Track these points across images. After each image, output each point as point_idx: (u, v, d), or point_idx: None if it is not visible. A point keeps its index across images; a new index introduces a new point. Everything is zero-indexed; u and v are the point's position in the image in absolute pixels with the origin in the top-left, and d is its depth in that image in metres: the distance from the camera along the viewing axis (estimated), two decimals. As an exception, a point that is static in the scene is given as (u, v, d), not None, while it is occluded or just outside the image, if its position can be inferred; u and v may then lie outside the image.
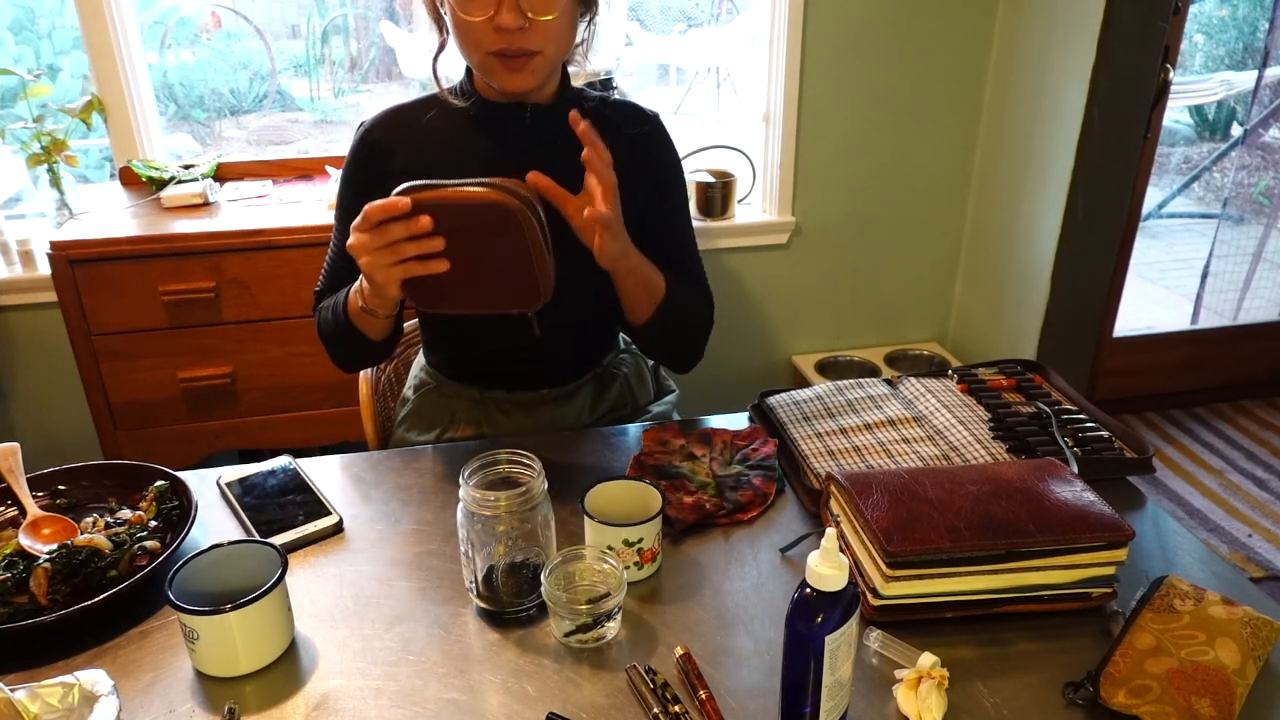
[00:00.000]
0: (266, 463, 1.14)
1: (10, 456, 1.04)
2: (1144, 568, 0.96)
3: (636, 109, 1.28)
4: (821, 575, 0.70)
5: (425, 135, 1.19)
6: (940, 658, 0.80)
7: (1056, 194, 2.31)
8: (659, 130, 1.28)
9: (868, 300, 2.72)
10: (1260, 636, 0.81)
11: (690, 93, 4.17)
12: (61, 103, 2.12)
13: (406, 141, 1.19)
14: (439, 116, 1.19)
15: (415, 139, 1.19)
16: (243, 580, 0.84)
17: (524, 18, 1.04)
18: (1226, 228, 3.48)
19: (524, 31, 1.05)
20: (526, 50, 1.07)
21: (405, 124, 1.19)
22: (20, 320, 2.18)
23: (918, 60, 2.45)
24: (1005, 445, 1.13)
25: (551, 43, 1.09)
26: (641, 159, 1.24)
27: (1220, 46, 4.37)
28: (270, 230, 1.93)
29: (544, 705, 0.79)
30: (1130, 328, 2.89)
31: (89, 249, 1.86)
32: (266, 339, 2.00)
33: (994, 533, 0.85)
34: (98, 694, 0.75)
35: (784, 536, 1.01)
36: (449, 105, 1.19)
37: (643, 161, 1.24)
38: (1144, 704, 0.74)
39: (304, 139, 3.66)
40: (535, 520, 0.88)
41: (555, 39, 1.09)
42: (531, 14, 1.04)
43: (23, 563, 0.90)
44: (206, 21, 3.60)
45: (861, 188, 2.57)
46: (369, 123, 1.21)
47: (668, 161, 1.28)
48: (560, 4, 1.06)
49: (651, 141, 1.26)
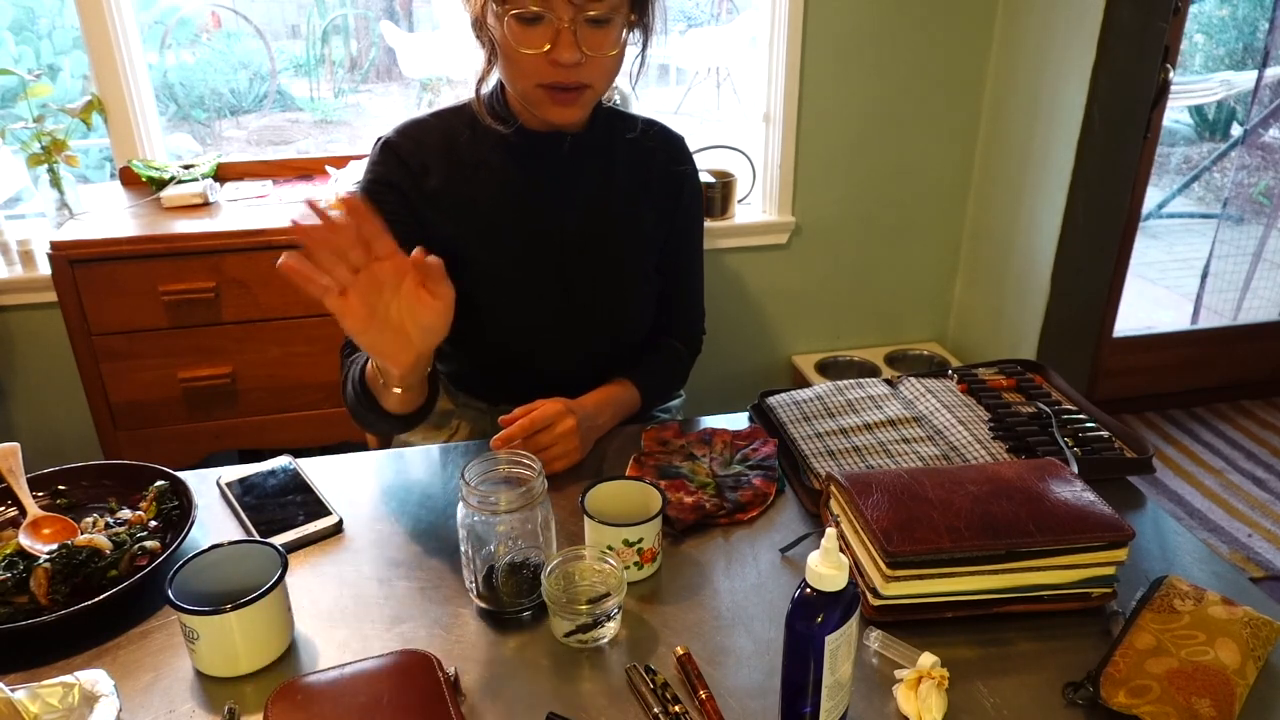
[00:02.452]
0: (266, 463, 1.14)
1: (10, 456, 1.04)
2: (1144, 568, 0.96)
3: (679, 146, 1.27)
4: (821, 575, 0.70)
5: (459, 158, 1.14)
6: (940, 658, 0.80)
7: (1056, 194, 2.31)
8: (693, 171, 1.28)
9: (868, 300, 2.72)
10: (1260, 636, 0.81)
11: (690, 93, 4.17)
12: (61, 103, 2.12)
13: (440, 162, 1.14)
14: (472, 140, 1.15)
15: (450, 161, 1.14)
16: (243, 580, 0.84)
17: (581, 53, 1.01)
18: (1226, 228, 3.48)
19: (578, 66, 1.02)
20: (579, 84, 1.04)
21: (434, 141, 1.14)
22: (20, 320, 2.18)
23: (918, 60, 2.45)
24: (1005, 445, 1.13)
25: (603, 77, 1.06)
26: (674, 195, 1.25)
27: (1220, 46, 4.37)
28: (270, 230, 1.93)
29: (544, 705, 0.79)
30: (1130, 328, 2.89)
31: (89, 249, 1.86)
32: (266, 339, 2.00)
33: (994, 533, 0.85)
34: (98, 694, 0.75)
35: (784, 536, 1.01)
36: (483, 127, 1.14)
37: (675, 199, 1.25)
38: (1144, 704, 0.74)
39: (304, 139, 3.66)
40: (535, 520, 0.88)
41: (607, 73, 1.06)
42: (589, 50, 1.01)
43: (23, 563, 0.90)
44: (206, 21, 3.60)
45: (861, 188, 2.57)
46: (392, 137, 1.14)
47: (697, 205, 1.29)
48: (618, 39, 1.04)
49: (686, 182, 1.27)
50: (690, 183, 1.28)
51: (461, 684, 0.81)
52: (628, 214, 1.21)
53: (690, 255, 1.32)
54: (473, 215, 1.14)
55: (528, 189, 1.15)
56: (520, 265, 1.16)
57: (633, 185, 1.21)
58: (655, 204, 1.19)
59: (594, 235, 1.18)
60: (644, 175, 1.19)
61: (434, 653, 0.80)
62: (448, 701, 0.75)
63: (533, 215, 1.16)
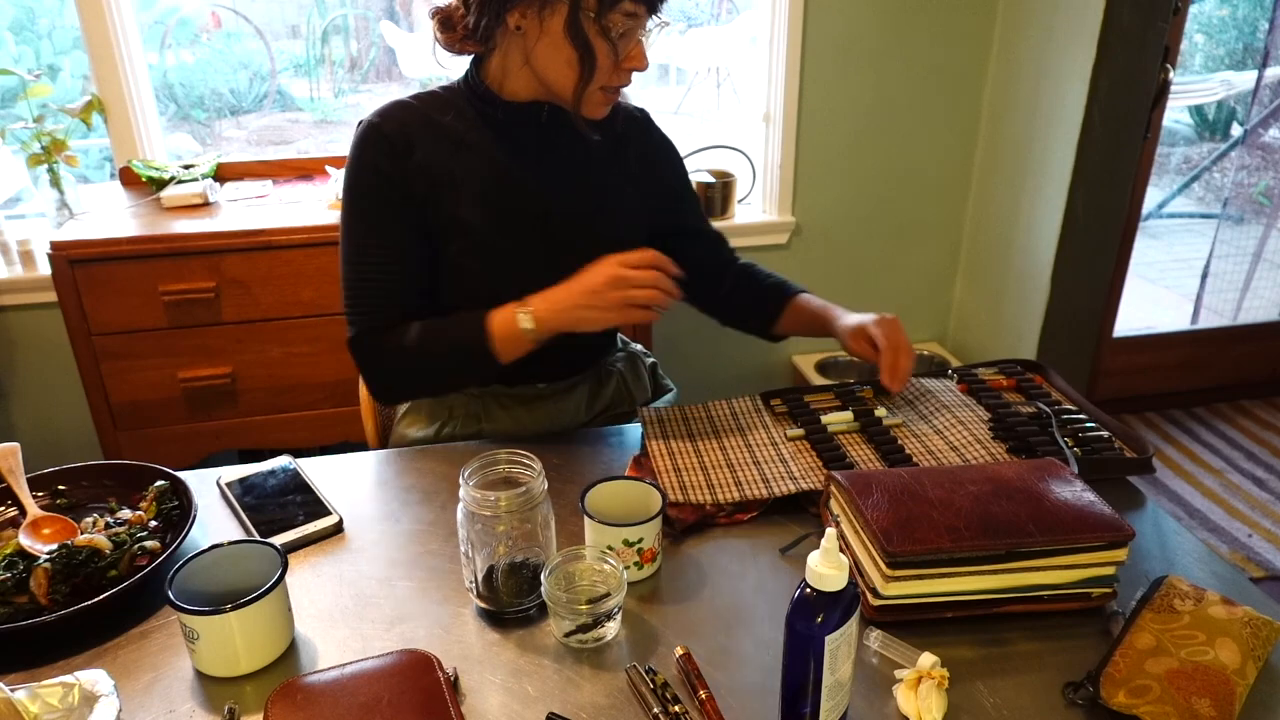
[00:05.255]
0: (266, 463, 1.14)
1: (10, 456, 1.04)
2: (1144, 568, 0.96)
3: (643, 114, 1.34)
4: (821, 575, 0.70)
5: (443, 134, 1.17)
6: (940, 658, 0.80)
7: (1056, 194, 2.31)
8: (659, 133, 1.35)
9: (868, 300, 2.72)
10: (1260, 636, 0.81)
11: (690, 93, 4.17)
12: (61, 103, 2.12)
13: (424, 137, 1.16)
14: (455, 118, 1.18)
15: (434, 136, 1.17)
16: (243, 580, 0.84)
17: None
18: (1226, 228, 3.48)
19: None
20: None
21: (417, 120, 1.17)
22: (20, 320, 2.18)
23: (918, 60, 2.45)
24: (1005, 445, 1.13)
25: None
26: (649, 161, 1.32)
27: (1220, 46, 4.37)
28: (270, 230, 1.93)
29: (544, 705, 0.79)
30: (1130, 328, 2.89)
31: (89, 249, 1.86)
32: (266, 339, 2.00)
33: (994, 533, 0.85)
34: (98, 694, 0.75)
35: (784, 536, 1.01)
36: (463, 105, 1.18)
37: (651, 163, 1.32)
38: (1144, 704, 0.74)
39: (304, 139, 3.65)
40: (535, 520, 0.88)
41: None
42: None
43: (23, 563, 0.90)
44: (206, 21, 3.60)
45: (861, 188, 2.57)
46: (376, 118, 1.17)
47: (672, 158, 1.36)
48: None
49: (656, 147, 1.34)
50: (661, 148, 1.35)
51: (461, 684, 0.81)
52: (605, 179, 1.26)
53: (692, 199, 1.39)
54: (459, 187, 1.16)
55: (511, 159, 1.19)
56: (507, 233, 1.18)
57: (605, 151, 1.26)
58: (626, 170, 1.27)
59: (575, 200, 1.22)
60: (615, 144, 1.27)
61: (434, 653, 0.80)
62: (448, 701, 0.75)
63: (517, 185, 1.19)
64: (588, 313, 1.09)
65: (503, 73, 1.16)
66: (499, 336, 1.11)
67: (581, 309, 1.09)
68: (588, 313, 1.09)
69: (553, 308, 1.10)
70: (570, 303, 1.10)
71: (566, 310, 1.10)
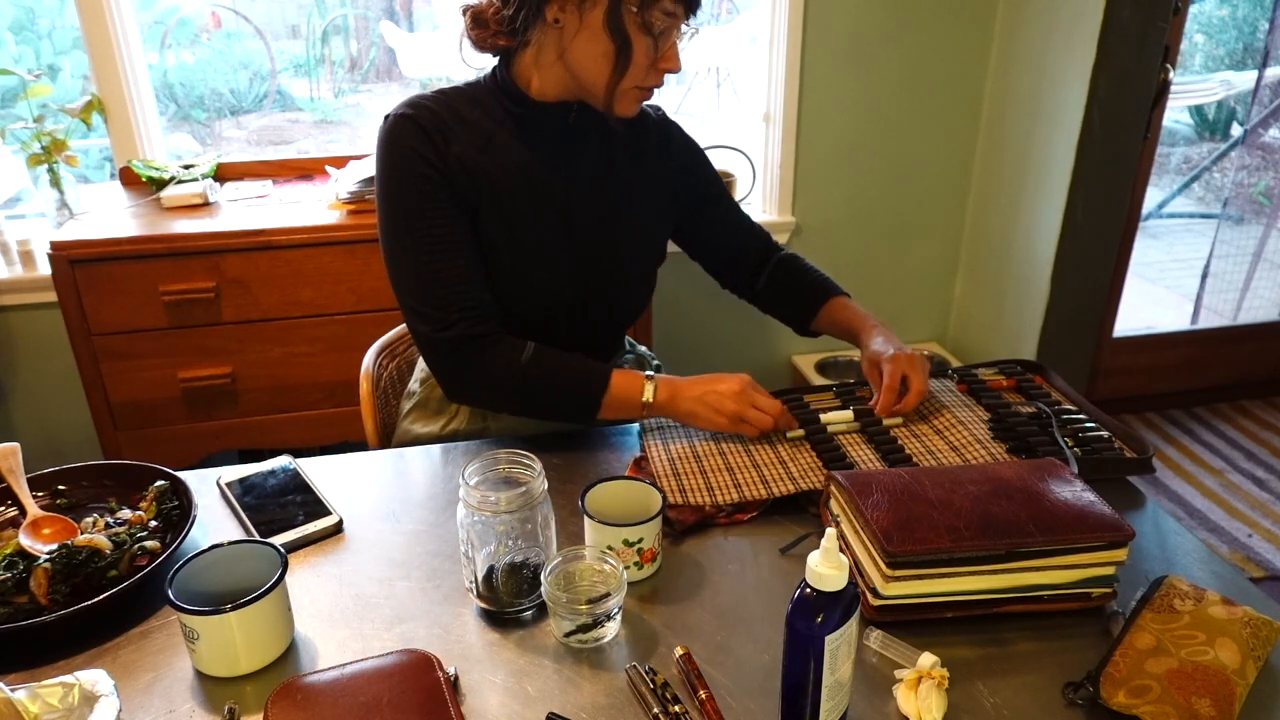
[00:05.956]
0: (266, 463, 1.14)
1: (10, 456, 1.04)
2: (1144, 568, 0.96)
3: (661, 115, 1.35)
4: (821, 575, 0.70)
5: (473, 130, 1.16)
6: (940, 658, 0.80)
7: (1056, 194, 2.31)
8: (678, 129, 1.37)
9: (868, 300, 2.69)
10: (1260, 636, 0.81)
11: (690, 92, 4.16)
12: (61, 103, 2.12)
13: (457, 130, 1.15)
14: (482, 114, 1.17)
15: (465, 131, 1.15)
16: (243, 580, 0.84)
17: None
18: (1226, 228, 3.48)
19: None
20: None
21: (448, 113, 1.15)
22: (20, 320, 2.18)
23: (918, 60, 2.45)
24: (1005, 445, 1.13)
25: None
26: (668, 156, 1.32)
27: (1220, 46, 4.37)
28: (270, 230, 1.93)
29: (544, 705, 0.79)
30: (1130, 328, 2.89)
31: (89, 249, 1.86)
32: (266, 339, 2.00)
33: (994, 533, 0.85)
34: (98, 694, 0.75)
35: (784, 536, 1.01)
36: (489, 102, 1.17)
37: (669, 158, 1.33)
38: (1144, 704, 0.74)
39: (304, 139, 3.65)
40: (535, 520, 0.88)
41: None
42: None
43: (23, 563, 0.90)
44: (206, 21, 3.60)
45: (861, 188, 2.57)
46: (407, 109, 1.14)
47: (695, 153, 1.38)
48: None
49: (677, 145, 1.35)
50: (686, 149, 1.36)
51: (461, 684, 0.81)
52: (631, 181, 1.26)
53: (720, 190, 1.40)
54: (491, 184, 1.15)
55: (538, 158, 1.18)
56: (531, 232, 1.18)
57: (631, 153, 1.27)
58: (651, 172, 1.28)
59: (601, 201, 1.23)
60: (641, 146, 1.28)
61: (434, 653, 0.80)
62: (448, 701, 0.75)
63: (543, 184, 1.18)
64: (703, 410, 1.13)
65: (533, 70, 1.15)
66: (615, 395, 1.14)
67: (699, 404, 1.13)
68: (703, 410, 1.13)
69: (675, 393, 1.14)
70: (692, 395, 1.13)
71: (686, 400, 1.13)
